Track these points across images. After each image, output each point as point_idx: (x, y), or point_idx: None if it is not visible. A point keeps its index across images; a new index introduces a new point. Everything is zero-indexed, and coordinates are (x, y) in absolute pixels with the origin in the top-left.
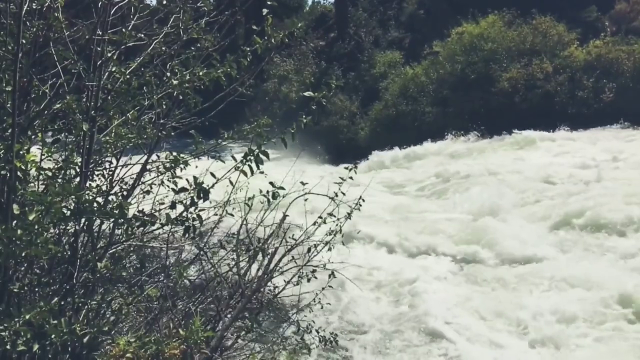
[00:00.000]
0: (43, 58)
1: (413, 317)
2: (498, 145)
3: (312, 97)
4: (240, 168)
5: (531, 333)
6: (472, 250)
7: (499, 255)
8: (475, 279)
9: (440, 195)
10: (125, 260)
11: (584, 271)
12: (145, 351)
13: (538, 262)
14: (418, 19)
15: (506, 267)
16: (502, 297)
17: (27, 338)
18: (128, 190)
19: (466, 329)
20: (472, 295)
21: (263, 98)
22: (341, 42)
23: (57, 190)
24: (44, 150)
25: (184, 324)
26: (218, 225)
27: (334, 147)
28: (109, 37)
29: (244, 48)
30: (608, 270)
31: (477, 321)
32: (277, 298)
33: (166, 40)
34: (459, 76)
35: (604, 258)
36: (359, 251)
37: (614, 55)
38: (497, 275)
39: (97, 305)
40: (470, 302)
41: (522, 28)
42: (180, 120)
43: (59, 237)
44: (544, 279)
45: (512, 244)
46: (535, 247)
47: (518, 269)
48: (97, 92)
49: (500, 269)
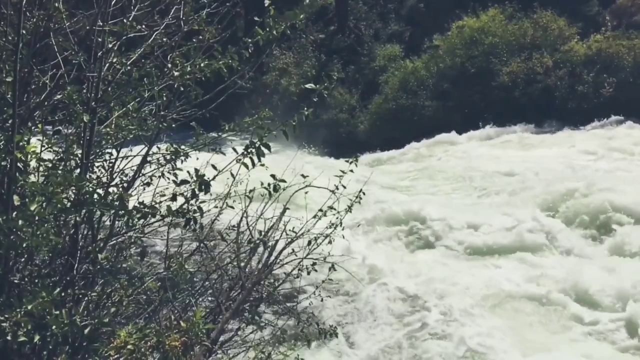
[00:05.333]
0: (43, 49)
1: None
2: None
3: (314, 89)
4: (241, 160)
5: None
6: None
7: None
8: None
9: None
10: (126, 252)
11: None
12: (145, 343)
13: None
14: (418, 13)
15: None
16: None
17: (27, 329)
18: (128, 182)
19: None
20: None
21: (263, 91)
22: (341, 35)
23: (59, 180)
24: (44, 142)
25: (184, 316)
26: (218, 218)
27: (333, 141)
28: (110, 28)
29: (245, 39)
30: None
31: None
32: (277, 290)
33: (167, 32)
34: (459, 70)
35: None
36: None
37: (614, 50)
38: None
39: (97, 297)
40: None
41: (523, 22)
42: (180, 112)
43: (60, 228)
44: None
45: None
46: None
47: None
48: (97, 83)
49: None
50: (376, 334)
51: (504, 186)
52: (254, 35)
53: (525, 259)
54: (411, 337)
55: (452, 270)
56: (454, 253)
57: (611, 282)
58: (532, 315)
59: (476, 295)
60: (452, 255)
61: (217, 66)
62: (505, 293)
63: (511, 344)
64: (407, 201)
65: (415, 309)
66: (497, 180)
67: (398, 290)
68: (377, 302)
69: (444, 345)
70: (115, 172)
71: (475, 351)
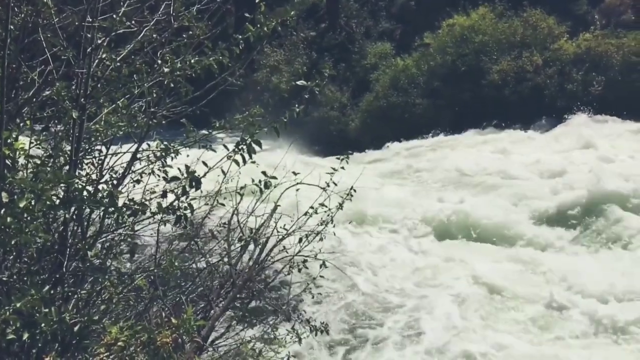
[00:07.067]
0: (32, 45)
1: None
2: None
3: (305, 86)
4: (232, 157)
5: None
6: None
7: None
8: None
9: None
10: (116, 250)
11: None
12: (136, 340)
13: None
14: (409, 11)
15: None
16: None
17: (16, 327)
18: (118, 179)
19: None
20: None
21: (254, 88)
22: (332, 32)
23: (48, 177)
24: (32, 138)
25: (174, 313)
26: (209, 215)
27: (324, 139)
28: (99, 24)
29: (236, 36)
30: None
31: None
32: (268, 288)
33: (157, 28)
34: (450, 68)
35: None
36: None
37: (603, 48)
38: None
39: (87, 295)
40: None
41: (513, 21)
42: (171, 109)
43: (49, 225)
44: None
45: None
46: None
47: None
48: (86, 79)
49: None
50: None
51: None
52: (245, 31)
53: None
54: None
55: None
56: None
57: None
58: None
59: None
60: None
61: (207, 63)
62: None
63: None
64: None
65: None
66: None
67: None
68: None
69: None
70: (105, 169)
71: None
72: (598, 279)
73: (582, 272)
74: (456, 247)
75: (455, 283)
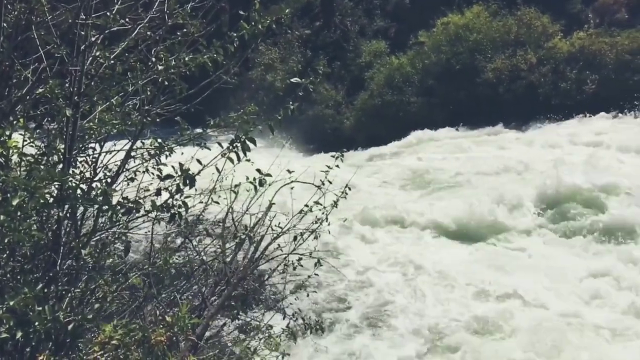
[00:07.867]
0: (25, 42)
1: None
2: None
3: (300, 83)
4: (226, 155)
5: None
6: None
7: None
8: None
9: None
10: (110, 248)
11: None
12: (130, 338)
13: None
14: (404, 9)
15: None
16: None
17: (10, 325)
18: (112, 177)
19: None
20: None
21: (248, 86)
22: (327, 31)
23: (42, 175)
24: (26, 136)
25: (169, 312)
26: (204, 213)
27: (319, 137)
28: (93, 22)
29: (231, 34)
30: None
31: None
32: (263, 286)
33: (151, 25)
34: (444, 66)
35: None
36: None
37: (597, 47)
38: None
39: (81, 293)
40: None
41: (507, 19)
42: (165, 107)
43: (42, 224)
44: None
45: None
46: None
47: None
48: (80, 77)
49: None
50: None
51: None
52: (239, 29)
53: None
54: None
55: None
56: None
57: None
58: None
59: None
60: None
61: (202, 60)
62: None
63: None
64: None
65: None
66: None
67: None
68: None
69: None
70: (99, 167)
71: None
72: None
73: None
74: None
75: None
